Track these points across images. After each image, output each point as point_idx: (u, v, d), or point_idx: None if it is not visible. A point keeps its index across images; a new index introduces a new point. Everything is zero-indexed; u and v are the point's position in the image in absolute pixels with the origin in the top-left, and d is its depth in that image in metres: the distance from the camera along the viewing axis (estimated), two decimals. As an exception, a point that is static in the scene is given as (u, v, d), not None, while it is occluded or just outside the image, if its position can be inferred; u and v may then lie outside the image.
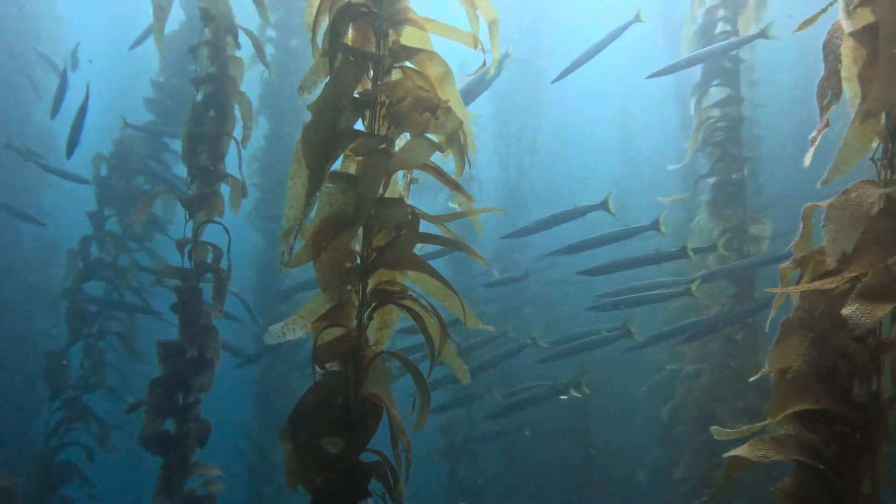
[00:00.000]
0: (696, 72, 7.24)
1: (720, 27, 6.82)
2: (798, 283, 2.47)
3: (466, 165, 3.41)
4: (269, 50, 8.98)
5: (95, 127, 8.16)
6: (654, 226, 6.52)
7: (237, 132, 4.74)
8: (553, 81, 6.98)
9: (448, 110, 3.00)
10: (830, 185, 2.79)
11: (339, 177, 3.26)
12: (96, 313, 7.28)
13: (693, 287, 6.34)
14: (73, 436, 7.16)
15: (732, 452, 2.41)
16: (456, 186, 3.44)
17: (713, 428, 2.59)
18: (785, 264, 2.57)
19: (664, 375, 7.18)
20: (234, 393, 10.12)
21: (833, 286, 2.19)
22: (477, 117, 3.38)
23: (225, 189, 4.83)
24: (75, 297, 7.30)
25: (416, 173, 3.56)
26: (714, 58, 6.68)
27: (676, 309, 8.22)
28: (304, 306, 3.45)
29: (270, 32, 9.09)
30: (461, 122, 3.02)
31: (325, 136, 3.16)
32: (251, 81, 9.09)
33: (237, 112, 4.73)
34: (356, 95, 3.27)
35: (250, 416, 10.18)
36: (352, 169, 3.39)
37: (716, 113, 6.92)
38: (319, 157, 3.15)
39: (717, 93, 7.11)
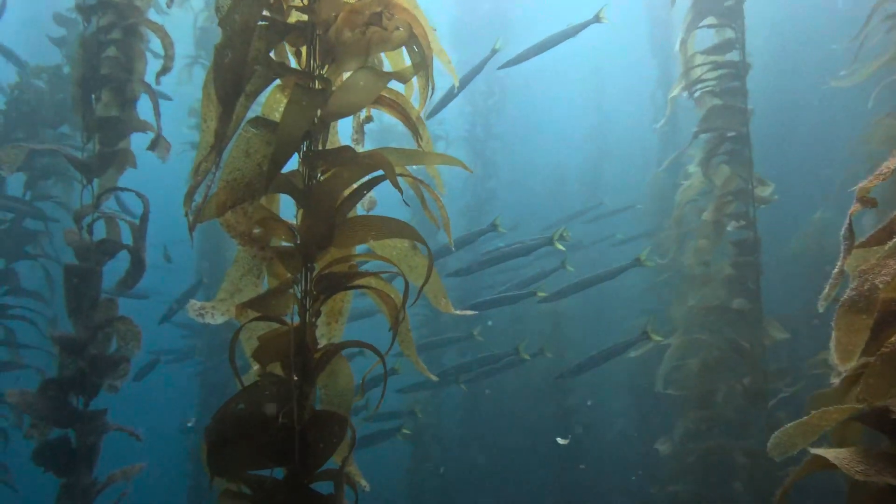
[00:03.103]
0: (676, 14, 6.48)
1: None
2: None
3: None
4: (205, -9, 8.00)
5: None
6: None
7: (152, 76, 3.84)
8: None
9: (393, 16, 2.24)
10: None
11: (262, 122, 2.52)
12: None
13: (538, 291, 7.09)
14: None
15: (819, 451, 1.81)
16: (415, 128, 2.72)
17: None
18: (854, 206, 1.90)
19: (652, 347, 6.49)
20: (183, 379, 9.26)
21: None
22: (434, 30, 2.58)
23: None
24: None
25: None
26: (559, 43, 6.77)
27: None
28: (223, 284, 2.68)
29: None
30: (413, 21, 2.27)
31: (237, 62, 2.39)
32: (185, 28, 8.10)
33: (151, 46, 3.83)
34: (281, 20, 2.52)
35: (200, 405, 9.30)
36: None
37: (713, 57, 5.95)
38: (230, 88, 2.38)
39: (703, 38, 6.34)
